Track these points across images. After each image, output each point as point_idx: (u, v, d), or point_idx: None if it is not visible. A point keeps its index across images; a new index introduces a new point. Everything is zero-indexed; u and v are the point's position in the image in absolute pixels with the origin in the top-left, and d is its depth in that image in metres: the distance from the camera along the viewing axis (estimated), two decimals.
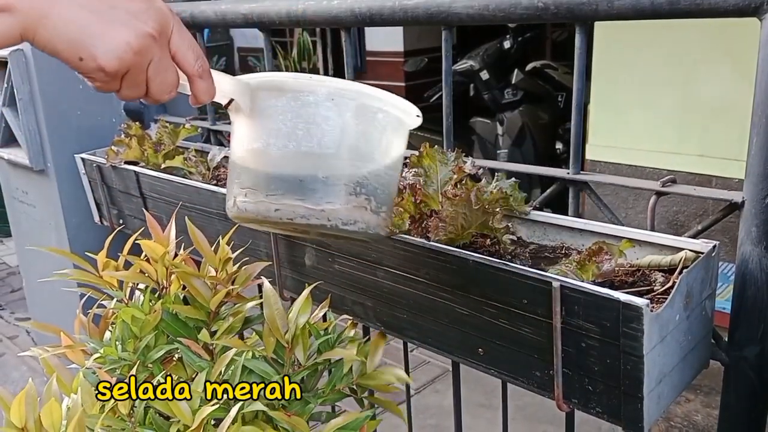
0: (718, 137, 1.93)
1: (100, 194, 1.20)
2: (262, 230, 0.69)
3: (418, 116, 0.57)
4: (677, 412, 1.61)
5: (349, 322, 0.71)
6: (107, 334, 0.69)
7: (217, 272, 0.67)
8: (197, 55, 0.47)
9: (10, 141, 1.42)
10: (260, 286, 1.03)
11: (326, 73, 4.41)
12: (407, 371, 0.97)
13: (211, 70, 0.49)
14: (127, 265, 0.70)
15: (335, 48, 4.39)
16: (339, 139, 0.52)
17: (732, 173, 1.91)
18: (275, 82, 0.52)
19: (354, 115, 0.52)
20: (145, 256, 0.69)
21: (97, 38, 0.40)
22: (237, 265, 0.68)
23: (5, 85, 1.32)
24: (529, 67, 2.80)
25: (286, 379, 0.59)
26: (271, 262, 0.85)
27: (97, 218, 1.26)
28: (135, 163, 1.12)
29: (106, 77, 0.42)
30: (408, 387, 1.00)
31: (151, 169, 1.08)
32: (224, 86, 0.51)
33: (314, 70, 4.51)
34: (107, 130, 1.35)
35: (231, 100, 0.52)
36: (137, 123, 1.21)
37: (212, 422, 0.56)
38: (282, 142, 0.51)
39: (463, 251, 0.64)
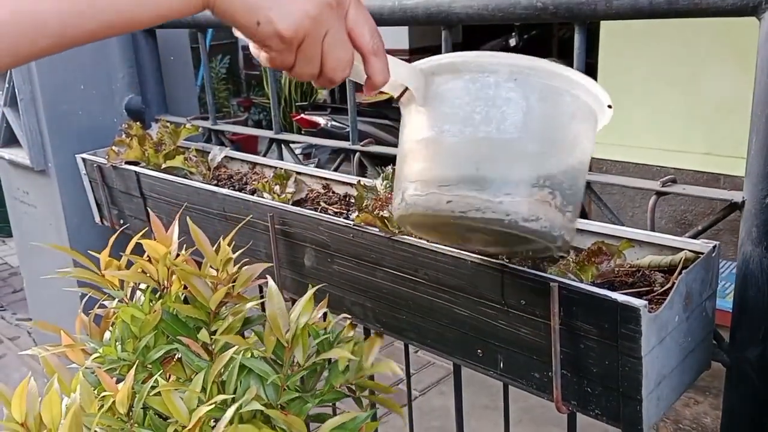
0: (725, 135, 1.92)
1: (101, 194, 1.20)
2: (429, 241, 0.62)
3: (610, 107, 0.50)
4: (686, 415, 1.60)
5: (348, 322, 0.71)
6: (107, 334, 0.69)
7: (218, 272, 0.67)
8: (372, 30, 0.44)
9: (11, 141, 1.42)
10: (261, 288, 1.03)
11: None
12: (408, 373, 0.97)
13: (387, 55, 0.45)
14: (130, 265, 0.70)
15: None
16: (522, 123, 0.46)
17: (740, 171, 1.89)
18: (453, 64, 0.47)
19: (539, 98, 0.46)
20: (147, 256, 0.69)
21: (275, 3, 0.39)
22: (237, 266, 0.69)
23: (6, 86, 1.32)
24: None
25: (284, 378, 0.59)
26: (270, 262, 0.85)
27: (97, 218, 1.27)
28: (136, 164, 1.12)
29: (281, 44, 0.41)
30: (409, 388, 1.00)
31: (151, 170, 1.08)
32: (398, 72, 0.46)
33: None
34: (108, 130, 1.35)
35: (404, 91, 0.47)
36: (138, 123, 1.21)
37: (211, 423, 0.56)
38: (457, 128, 0.46)
39: (462, 251, 0.64)
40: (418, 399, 1.78)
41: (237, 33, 0.42)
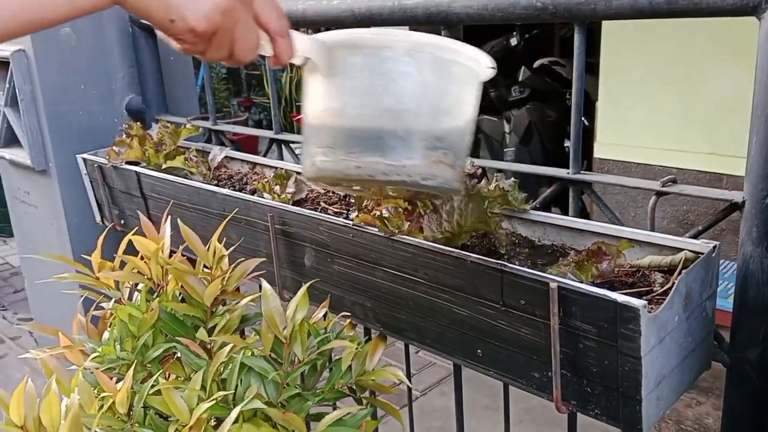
0: (728, 135, 1.91)
1: (102, 194, 1.20)
2: (340, 191, 0.70)
3: (491, 67, 0.56)
4: (688, 416, 1.59)
5: (348, 321, 0.71)
6: (105, 334, 0.70)
7: (211, 269, 0.67)
8: (279, 13, 0.48)
9: (12, 141, 1.42)
10: (261, 285, 1.03)
11: None
12: (409, 373, 0.97)
13: (290, 30, 0.49)
14: (123, 265, 0.70)
15: None
16: (418, 94, 0.51)
17: (743, 171, 1.88)
18: (352, 40, 0.51)
19: (432, 70, 0.51)
20: (141, 255, 0.69)
21: (188, 0, 0.42)
22: (233, 264, 0.69)
23: (7, 86, 1.32)
24: (536, 64, 2.77)
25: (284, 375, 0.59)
26: (270, 262, 0.85)
27: (98, 218, 1.27)
28: (136, 164, 1.12)
29: (195, 38, 0.44)
30: (410, 389, 1.00)
31: (152, 170, 1.08)
32: (300, 45, 0.50)
33: None
34: (109, 130, 1.35)
35: (306, 61, 0.51)
36: (138, 123, 1.21)
37: (212, 423, 0.56)
38: (360, 100, 0.51)
39: (461, 251, 0.64)
40: (419, 399, 1.78)
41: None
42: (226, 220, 0.77)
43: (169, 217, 0.73)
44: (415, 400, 1.36)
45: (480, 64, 0.55)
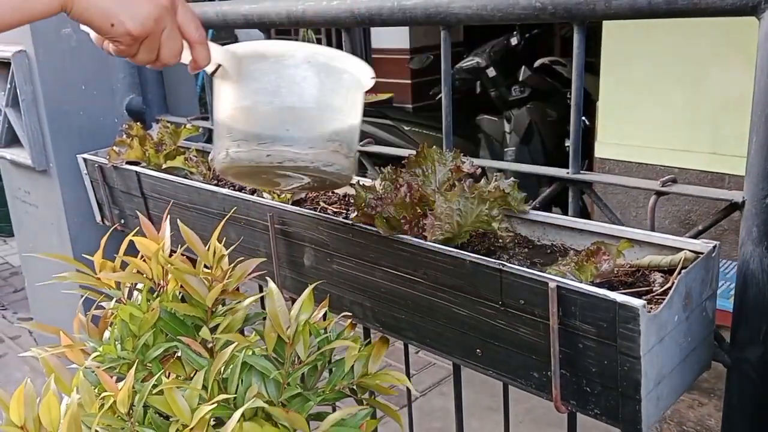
0: (730, 134, 1.90)
1: (102, 194, 1.20)
2: (242, 184, 0.81)
3: (372, 78, 0.66)
4: (690, 417, 1.59)
5: (348, 322, 0.71)
6: (106, 334, 0.70)
7: (211, 269, 0.67)
8: (197, 25, 0.58)
9: (13, 141, 1.42)
10: (260, 287, 1.03)
11: None
12: (408, 373, 0.97)
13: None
14: (125, 266, 0.70)
15: (339, 46, 4.38)
16: (317, 94, 0.62)
17: (744, 171, 1.87)
18: (259, 50, 0.61)
19: (326, 75, 0.62)
20: (141, 255, 0.69)
21: (126, 8, 0.50)
22: (233, 264, 0.69)
23: (8, 86, 1.33)
24: (537, 63, 2.77)
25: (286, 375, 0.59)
26: (269, 262, 0.86)
27: (98, 218, 1.27)
28: (136, 164, 1.12)
29: (131, 41, 0.52)
30: (409, 390, 1.00)
31: (152, 170, 1.08)
32: (215, 54, 0.60)
33: None
34: (109, 130, 1.35)
35: (217, 68, 0.61)
36: (138, 123, 1.21)
37: (211, 422, 0.56)
38: (268, 99, 0.61)
39: (460, 251, 0.64)
40: (419, 400, 1.77)
41: (84, 28, 0.53)
42: (225, 219, 0.78)
43: (169, 216, 0.73)
44: (414, 400, 1.36)
45: (364, 74, 0.65)
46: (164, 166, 1.10)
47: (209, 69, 0.61)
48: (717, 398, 1.61)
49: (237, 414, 0.52)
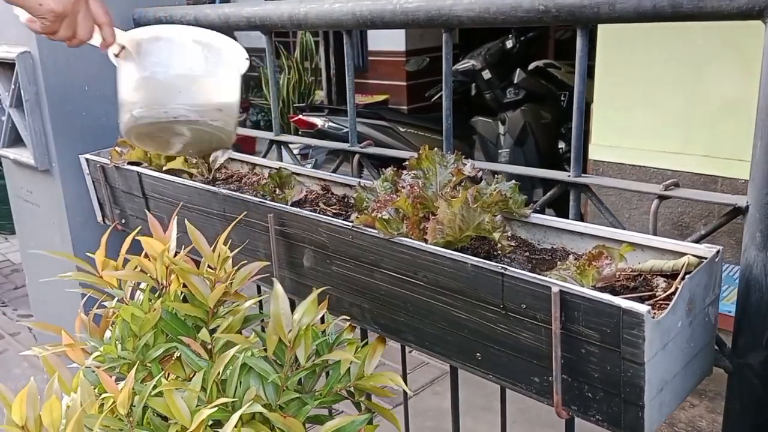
0: (723, 137, 1.90)
1: (104, 194, 1.20)
2: (144, 149, 0.96)
3: (246, 59, 0.85)
4: (681, 418, 1.59)
5: (348, 324, 0.71)
6: (107, 333, 0.69)
7: (215, 270, 0.67)
8: (105, 11, 0.75)
9: (16, 141, 1.42)
10: (259, 288, 1.03)
11: (328, 73, 4.45)
12: (405, 374, 0.97)
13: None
14: (127, 264, 0.70)
15: (337, 48, 4.40)
16: (203, 65, 0.80)
17: (738, 174, 1.88)
18: (154, 33, 0.80)
19: (209, 51, 0.81)
20: (145, 254, 0.69)
21: None
22: (237, 266, 0.68)
23: (12, 87, 1.33)
24: (531, 66, 2.78)
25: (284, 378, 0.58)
26: (269, 263, 0.85)
27: (99, 218, 1.27)
28: (138, 164, 1.12)
29: (54, 18, 0.68)
30: (405, 393, 0.99)
31: (153, 170, 1.08)
32: (120, 37, 0.77)
33: (316, 70, 4.53)
34: (111, 130, 1.35)
35: (122, 50, 0.78)
36: None
37: (209, 423, 0.56)
38: (164, 69, 0.78)
39: (461, 254, 0.63)
40: (412, 399, 1.76)
41: (17, 11, 0.68)
42: (233, 223, 0.79)
43: (168, 216, 0.73)
44: (407, 399, 1.36)
45: (239, 54, 0.84)
46: (165, 167, 1.10)
47: (114, 50, 0.78)
48: (708, 399, 1.61)
49: (234, 417, 0.52)
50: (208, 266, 0.67)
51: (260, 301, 0.83)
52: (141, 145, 0.89)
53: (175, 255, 0.69)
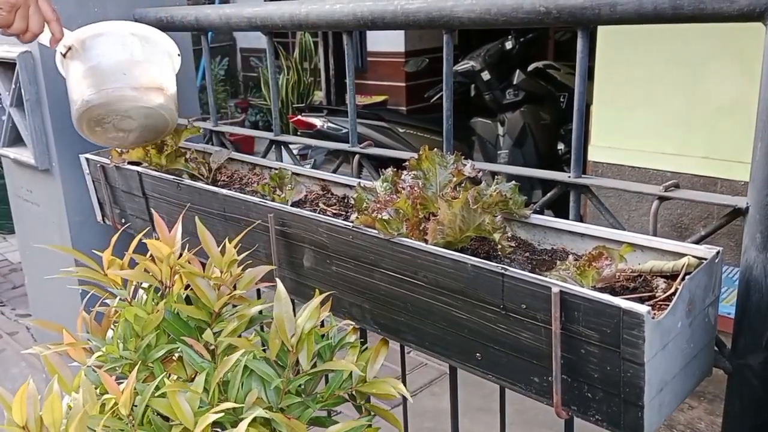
0: (723, 139, 1.91)
1: (104, 194, 1.20)
2: (95, 141, 0.98)
3: (179, 54, 0.97)
4: (680, 420, 1.60)
5: (351, 327, 0.71)
6: (109, 333, 0.69)
7: (222, 273, 0.67)
8: (53, 8, 0.82)
9: (17, 141, 1.42)
10: (258, 290, 1.03)
11: (327, 74, 4.47)
12: (404, 375, 0.97)
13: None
14: (132, 264, 0.70)
15: (337, 49, 4.41)
16: (141, 52, 0.90)
17: (737, 175, 1.88)
18: (96, 31, 0.90)
19: (146, 42, 0.92)
20: (150, 255, 0.69)
21: None
22: (240, 267, 0.68)
23: (13, 86, 1.33)
24: (531, 67, 2.79)
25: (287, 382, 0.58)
26: (272, 265, 0.85)
27: (99, 217, 1.27)
28: (138, 164, 1.12)
29: (9, 8, 0.75)
30: (405, 399, 0.99)
31: (153, 170, 1.08)
32: (67, 37, 0.87)
33: (315, 71, 4.54)
34: None
35: (68, 50, 0.87)
36: None
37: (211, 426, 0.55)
38: (107, 58, 0.88)
39: (461, 255, 0.64)
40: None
41: None
42: (249, 228, 0.82)
43: (168, 217, 0.73)
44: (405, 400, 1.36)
45: (172, 47, 0.95)
46: (165, 167, 1.10)
47: (62, 50, 0.87)
48: (707, 401, 1.61)
49: (243, 425, 0.52)
50: (215, 268, 0.67)
51: (259, 300, 0.83)
52: (92, 137, 0.94)
53: (180, 256, 0.69)
